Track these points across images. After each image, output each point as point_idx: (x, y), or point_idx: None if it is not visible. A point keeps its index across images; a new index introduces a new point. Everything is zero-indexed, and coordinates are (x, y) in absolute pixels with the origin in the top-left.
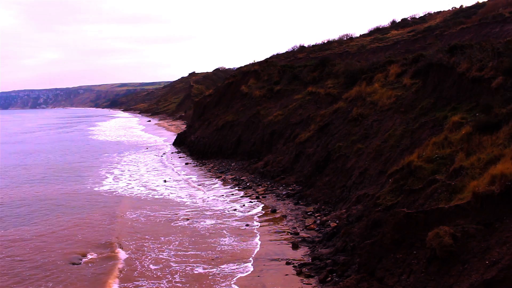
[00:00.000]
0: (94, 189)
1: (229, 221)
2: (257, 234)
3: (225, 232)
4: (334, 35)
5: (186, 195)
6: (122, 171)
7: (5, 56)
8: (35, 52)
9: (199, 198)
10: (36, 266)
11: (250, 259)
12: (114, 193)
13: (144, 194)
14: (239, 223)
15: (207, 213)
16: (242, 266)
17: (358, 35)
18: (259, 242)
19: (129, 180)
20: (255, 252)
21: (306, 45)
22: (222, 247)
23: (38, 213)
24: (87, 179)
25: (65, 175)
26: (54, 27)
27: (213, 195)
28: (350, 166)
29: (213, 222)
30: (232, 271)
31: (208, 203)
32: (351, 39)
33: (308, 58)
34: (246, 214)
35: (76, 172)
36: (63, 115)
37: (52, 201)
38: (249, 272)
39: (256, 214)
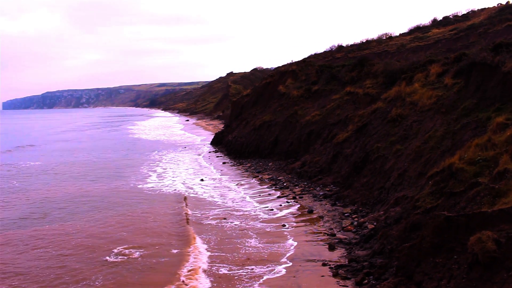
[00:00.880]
0: (138, 186)
1: (265, 221)
2: (294, 235)
3: (262, 232)
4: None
5: (222, 194)
6: (164, 169)
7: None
8: (78, 53)
9: (236, 197)
10: (79, 261)
11: (286, 259)
12: (158, 191)
13: (185, 192)
14: (276, 223)
15: (242, 212)
16: (277, 266)
17: (397, 34)
18: (295, 243)
19: (169, 178)
20: (291, 252)
21: (344, 44)
22: (258, 247)
23: (81, 209)
24: (129, 177)
25: (107, 173)
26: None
27: (250, 195)
28: (389, 168)
29: (249, 221)
30: (268, 271)
31: (244, 202)
32: (390, 38)
33: (346, 58)
34: (283, 214)
35: (118, 169)
36: (104, 114)
37: (95, 198)
38: (285, 272)
39: (293, 215)
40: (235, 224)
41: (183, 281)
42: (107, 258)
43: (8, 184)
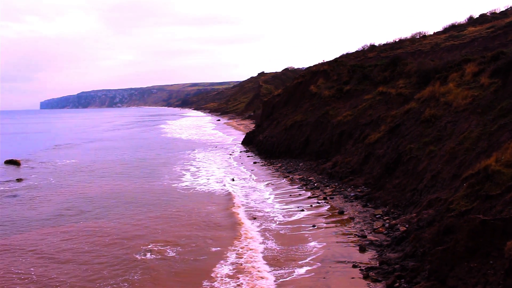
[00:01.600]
0: (172, 185)
1: (295, 221)
2: (324, 235)
3: (292, 232)
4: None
5: (252, 194)
6: (197, 168)
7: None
8: (112, 54)
9: (265, 197)
10: (114, 257)
11: (315, 260)
12: (191, 190)
13: (220, 191)
14: (306, 224)
15: (272, 212)
16: (306, 267)
17: (431, 33)
18: (325, 244)
19: (203, 177)
20: (321, 253)
21: (376, 44)
22: (287, 247)
23: (115, 207)
24: (163, 176)
25: (141, 171)
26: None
27: (280, 195)
28: (422, 169)
29: (278, 221)
30: (296, 272)
31: (274, 202)
32: (424, 37)
33: (379, 58)
34: (313, 215)
35: (152, 168)
36: (137, 114)
37: (130, 196)
38: (314, 273)
39: (323, 215)
40: (266, 224)
41: (226, 274)
42: (140, 255)
43: (46, 181)
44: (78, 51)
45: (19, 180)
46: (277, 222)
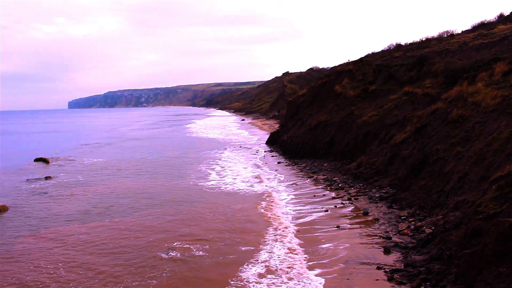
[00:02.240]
0: (198, 184)
1: (319, 222)
2: (348, 236)
3: (315, 233)
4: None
5: (277, 193)
6: (222, 167)
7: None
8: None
9: (291, 197)
10: (139, 255)
11: (340, 261)
12: (216, 189)
13: (246, 191)
14: (329, 225)
15: (296, 213)
16: (330, 268)
17: (459, 32)
18: (349, 245)
19: (227, 176)
20: (345, 254)
21: (402, 43)
22: (312, 248)
23: (141, 205)
24: (189, 175)
25: (167, 170)
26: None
27: (304, 195)
28: (449, 170)
29: (304, 222)
30: (320, 273)
31: (298, 202)
32: (452, 36)
33: (405, 57)
34: (337, 215)
35: (178, 167)
36: (162, 113)
37: (156, 194)
38: (338, 274)
39: (347, 216)
40: (292, 223)
41: (254, 274)
42: (166, 253)
43: (73, 179)
44: (105, 52)
45: (47, 178)
46: (302, 223)
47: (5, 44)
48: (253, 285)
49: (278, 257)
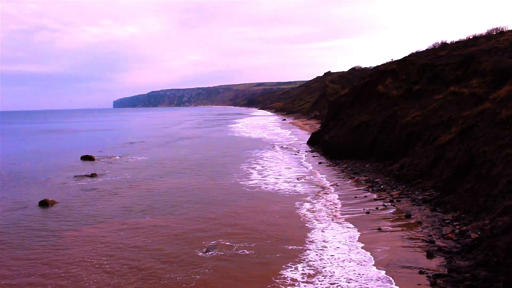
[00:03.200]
0: (240, 182)
1: (360, 223)
2: (389, 239)
3: (357, 234)
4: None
5: (317, 194)
6: (263, 167)
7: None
8: (181, 54)
9: (330, 198)
10: (180, 253)
11: (381, 264)
12: (258, 188)
13: (287, 191)
14: (370, 228)
15: (338, 214)
16: (372, 271)
17: (510, 28)
18: (390, 248)
19: (268, 176)
20: (386, 257)
21: (448, 41)
22: (353, 250)
23: (182, 203)
24: (231, 174)
25: (209, 169)
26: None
27: (345, 196)
28: (497, 173)
29: (344, 223)
30: (361, 275)
31: (339, 204)
32: (501, 33)
33: (451, 56)
34: (379, 217)
35: (220, 166)
36: (204, 113)
37: (197, 192)
38: (379, 278)
39: (389, 218)
40: (334, 225)
41: (293, 278)
42: (205, 252)
43: (118, 176)
44: (149, 52)
45: (93, 175)
46: (345, 225)
47: (55, 46)
48: (298, 285)
49: (319, 260)
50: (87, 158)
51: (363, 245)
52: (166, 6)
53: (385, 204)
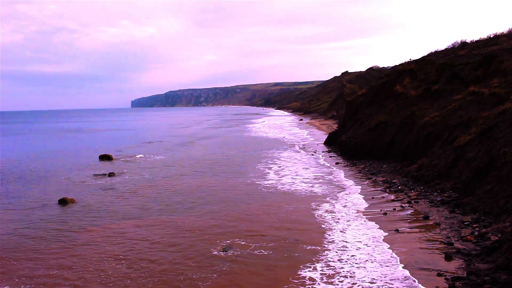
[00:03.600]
0: (256, 182)
1: (377, 225)
2: (407, 240)
3: (370, 237)
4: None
5: (335, 195)
6: (280, 167)
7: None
8: (198, 54)
9: (348, 198)
10: (197, 252)
11: (398, 266)
12: (274, 188)
13: (303, 191)
14: (388, 229)
15: (354, 214)
16: (389, 272)
17: None
18: (407, 249)
19: (285, 176)
20: (404, 259)
21: (468, 40)
22: (369, 251)
23: (199, 202)
24: (248, 173)
25: (226, 169)
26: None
27: (362, 197)
28: None
29: (361, 224)
30: (379, 277)
31: (357, 204)
32: None
33: (471, 55)
34: (396, 218)
35: (237, 166)
36: (221, 113)
37: (214, 192)
38: (396, 279)
39: (407, 220)
40: (351, 226)
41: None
42: (220, 251)
43: (135, 175)
44: (166, 52)
45: (111, 174)
46: (365, 225)
47: (74, 47)
48: (318, 284)
49: (340, 258)
50: (105, 157)
51: (387, 245)
52: (184, 7)
53: (403, 205)
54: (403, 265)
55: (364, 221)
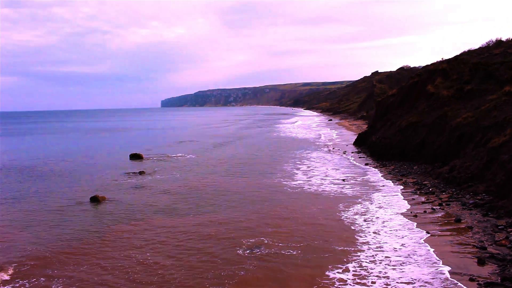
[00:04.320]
0: (283, 182)
1: (407, 227)
2: (438, 244)
3: (401, 238)
4: None
5: (365, 196)
6: (308, 167)
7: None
8: (227, 55)
9: (376, 200)
10: (224, 252)
11: (429, 268)
12: (302, 189)
13: (332, 192)
14: (419, 231)
15: (382, 216)
16: (422, 275)
17: None
18: (439, 253)
19: (313, 176)
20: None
21: (503, 39)
22: (400, 254)
23: (226, 201)
24: (275, 174)
25: (255, 168)
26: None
27: (392, 199)
28: None
29: (389, 226)
30: (410, 281)
31: (384, 206)
32: None
33: (506, 54)
34: (427, 221)
35: (266, 166)
36: (250, 113)
37: (242, 191)
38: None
39: (438, 222)
40: (380, 228)
41: (340, 279)
42: (246, 251)
43: (166, 174)
44: (196, 53)
45: (141, 172)
46: (390, 227)
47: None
48: (351, 284)
49: (373, 260)
50: (136, 156)
51: (416, 247)
52: (213, 7)
53: (434, 207)
54: (434, 269)
55: (396, 222)
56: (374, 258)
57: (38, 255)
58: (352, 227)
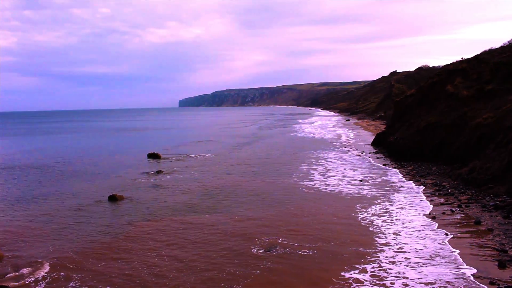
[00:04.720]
0: (299, 183)
1: (425, 228)
2: (457, 246)
3: (422, 240)
4: None
5: (383, 197)
6: (325, 167)
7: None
8: (244, 54)
9: (395, 201)
10: (237, 251)
11: (448, 270)
12: (318, 189)
13: (349, 192)
14: (437, 232)
15: (402, 217)
16: (441, 277)
17: None
18: (458, 256)
19: (330, 177)
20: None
21: None
22: (416, 255)
23: (243, 201)
24: (291, 174)
25: (272, 168)
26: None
27: (411, 200)
28: None
29: (409, 227)
30: (427, 283)
31: (404, 207)
32: None
33: None
34: (445, 222)
35: (282, 166)
36: (268, 113)
37: (258, 191)
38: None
39: (457, 224)
40: (401, 230)
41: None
42: (265, 249)
43: (183, 174)
44: (213, 53)
45: (159, 172)
46: (411, 229)
47: (124, 48)
48: (369, 284)
49: (392, 261)
50: (153, 156)
51: (435, 249)
52: (230, 7)
53: (453, 209)
54: (455, 270)
55: (417, 223)
56: (394, 259)
57: (63, 253)
58: (370, 228)
